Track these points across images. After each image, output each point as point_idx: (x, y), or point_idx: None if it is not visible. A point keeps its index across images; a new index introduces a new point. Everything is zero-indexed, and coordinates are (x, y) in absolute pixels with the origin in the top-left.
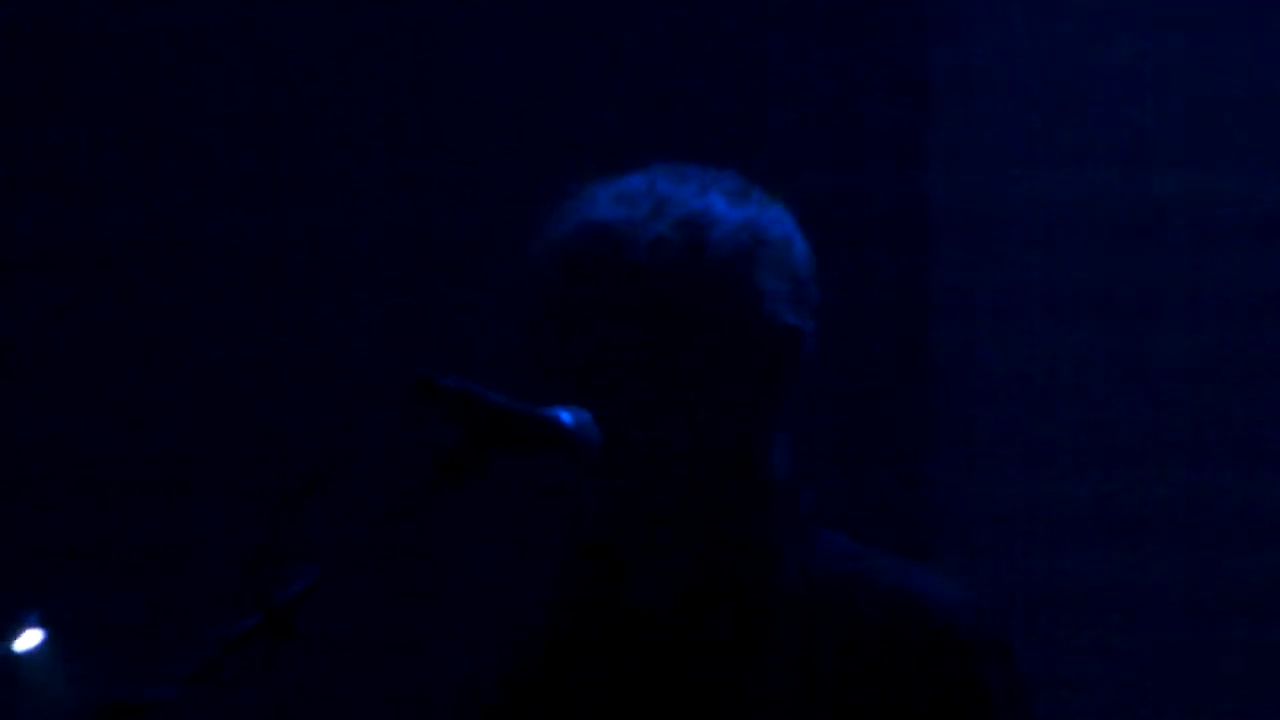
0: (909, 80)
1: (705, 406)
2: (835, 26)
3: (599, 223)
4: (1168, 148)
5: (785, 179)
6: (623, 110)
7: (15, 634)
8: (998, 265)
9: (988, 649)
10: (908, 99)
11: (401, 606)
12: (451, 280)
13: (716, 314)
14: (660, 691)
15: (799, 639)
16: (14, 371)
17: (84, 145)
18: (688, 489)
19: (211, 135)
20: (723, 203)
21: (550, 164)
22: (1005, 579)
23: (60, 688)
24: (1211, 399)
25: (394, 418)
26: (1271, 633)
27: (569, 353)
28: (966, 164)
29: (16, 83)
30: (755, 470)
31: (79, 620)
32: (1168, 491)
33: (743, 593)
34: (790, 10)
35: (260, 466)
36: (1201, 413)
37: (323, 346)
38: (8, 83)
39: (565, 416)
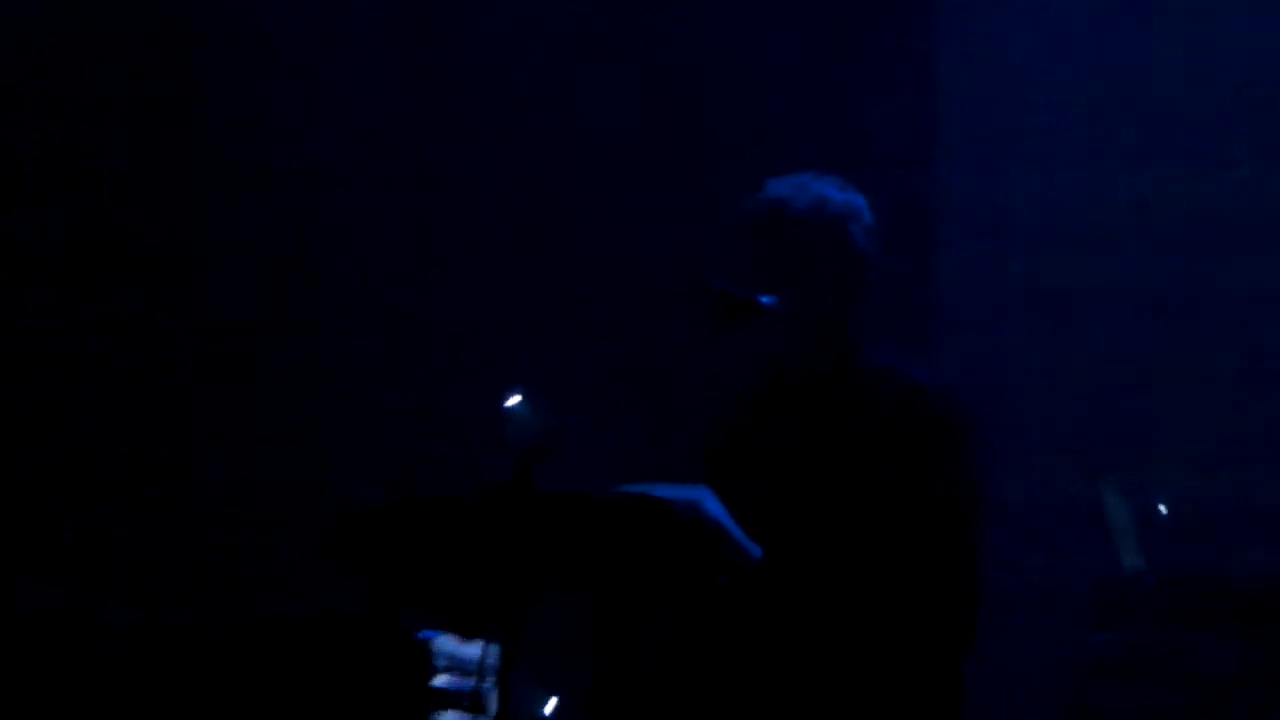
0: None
1: (825, 288)
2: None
3: (778, 195)
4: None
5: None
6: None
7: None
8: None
9: (959, 427)
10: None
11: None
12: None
13: (829, 240)
14: (798, 427)
15: (862, 400)
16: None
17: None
18: (815, 329)
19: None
20: (834, 190)
21: (581, 162)
22: None
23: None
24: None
25: None
26: None
27: (761, 262)
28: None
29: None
30: (846, 320)
31: None
32: None
33: (838, 376)
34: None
35: None
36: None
37: None
38: None
39: (766, 299)
